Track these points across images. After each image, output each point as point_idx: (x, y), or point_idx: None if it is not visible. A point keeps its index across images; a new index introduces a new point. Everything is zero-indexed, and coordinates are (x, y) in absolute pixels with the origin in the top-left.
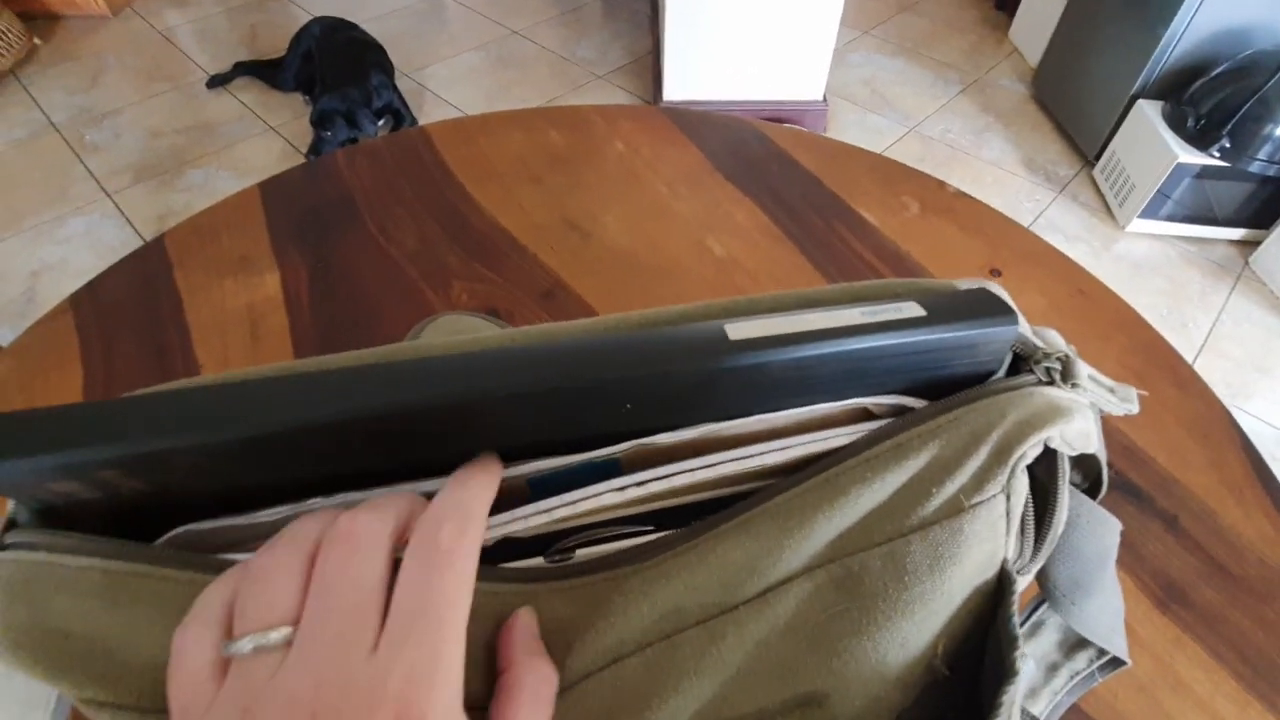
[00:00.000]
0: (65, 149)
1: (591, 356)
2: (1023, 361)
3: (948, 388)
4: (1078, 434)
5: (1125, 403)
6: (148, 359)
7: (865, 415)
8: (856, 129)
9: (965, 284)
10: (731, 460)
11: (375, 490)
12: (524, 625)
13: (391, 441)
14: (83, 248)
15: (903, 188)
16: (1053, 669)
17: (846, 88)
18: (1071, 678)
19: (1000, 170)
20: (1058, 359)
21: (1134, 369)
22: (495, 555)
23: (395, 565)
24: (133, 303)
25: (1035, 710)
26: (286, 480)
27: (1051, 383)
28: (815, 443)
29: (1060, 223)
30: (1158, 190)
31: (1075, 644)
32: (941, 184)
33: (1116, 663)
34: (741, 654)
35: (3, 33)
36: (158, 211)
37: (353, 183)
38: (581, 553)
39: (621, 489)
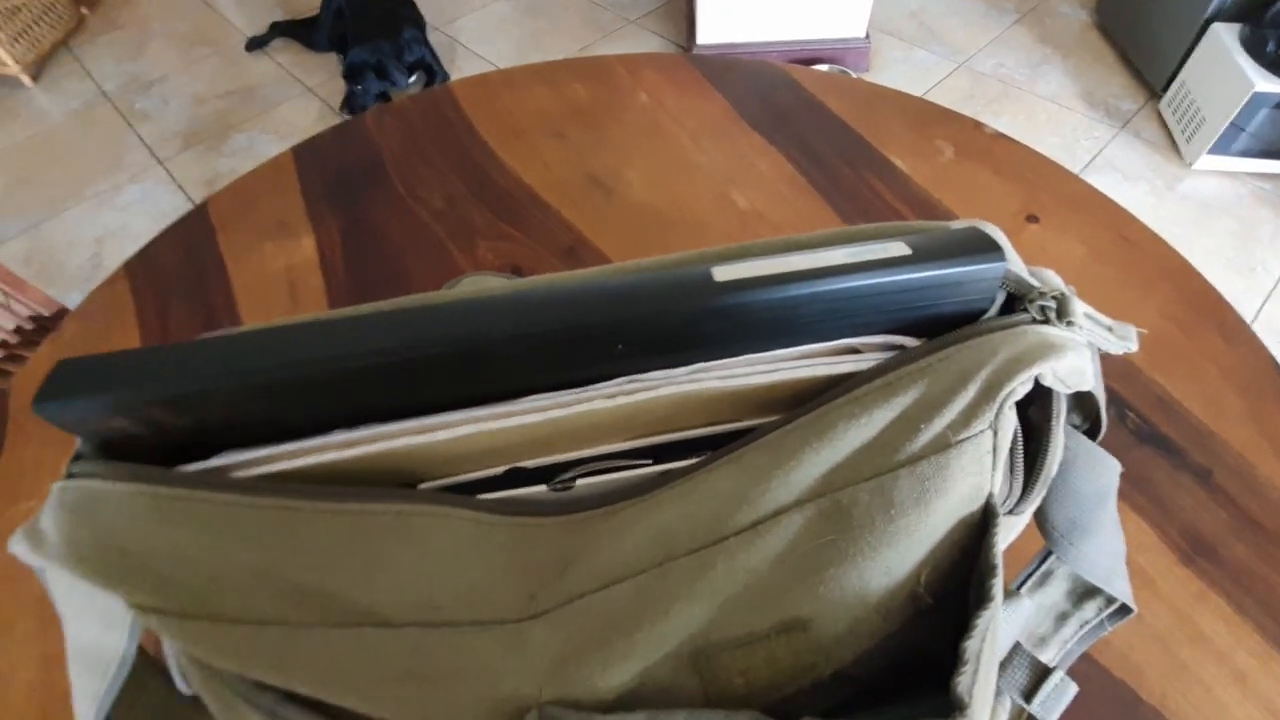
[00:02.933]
0: (118, 118)
1: (583, 300)
2: (1017, 300)
3: (939, 326)
4: (1071, 370)
5: (1124, 341)
6: (198, 320)
7: (852, 353)
8: (901, 66)
9: (957, 225)
10: (716, 377)
11: (389, 425)
12: None
13: (399, 381)
14: (140, 213)
15: (937, 131)
16: (1062, 618)
17: (891, 21)
18: (1081, 626)
19: (1056, 106)
20: (1052, 297)
21: (1176, 319)
22: (502, 483)
23: None
24: (182, 268)
25: (1044, 658)
26: (311, 415)
27: (1046, 321)
28: (800, 368)
29: (1120, 162)
30: (1230, 123)
31: (1084, 593)
32: (978, 125)
33: (1124, 611)
34: (731, 582)
35: (52, 5)
36: (206, 176)
37: (381, 143)
38: (582, 483)
39: (611, 396)
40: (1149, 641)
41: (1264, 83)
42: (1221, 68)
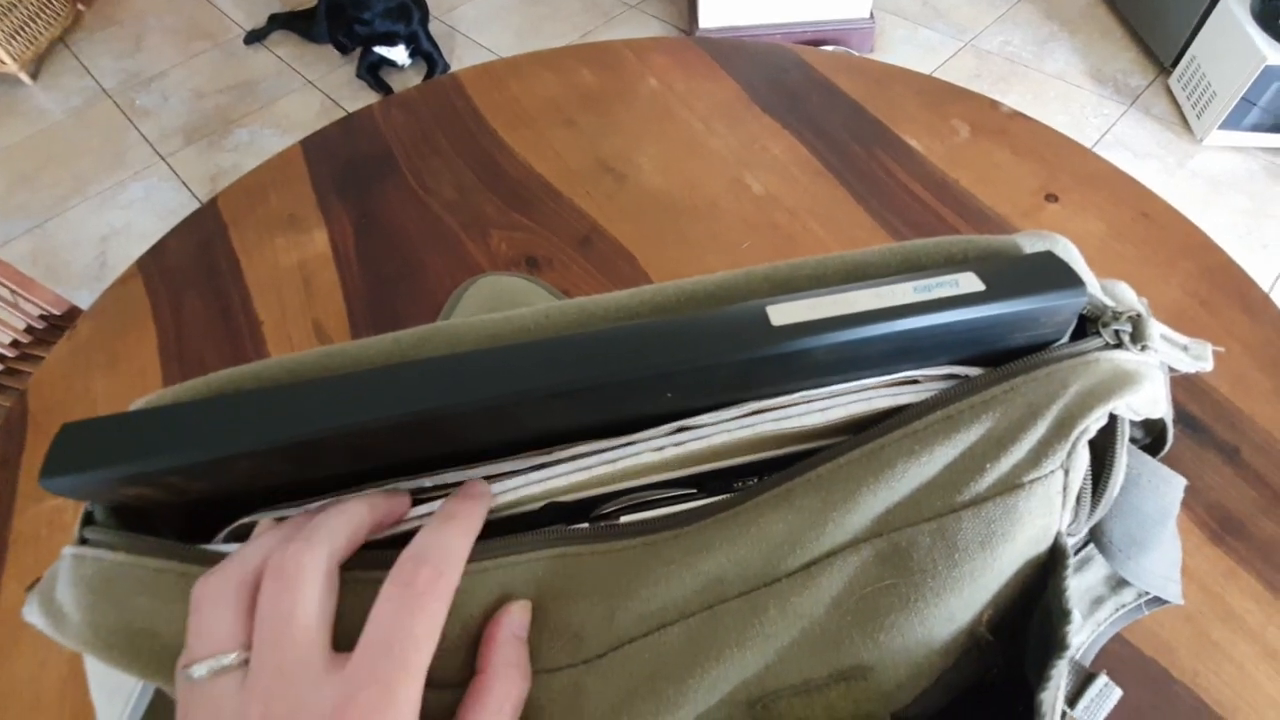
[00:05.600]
0: (118, 114)
1: (629, 350)
2: (1089, 323)
3: (1005, 356)
4: (1145, 401)
5: (1199, 360)
6: (214, 318)
7: (911, 384)
8: (906, 46)
9: (1029, 241)
10: (770, 421)
11: (421, 479)
12: (508, 624)
13: (433, 436)
14: (145, 211)
15: (952, 110)
16: (1097, 602)
17: (895, 1)
18: (1117, 609)
19: (1064, 84)
20: (1128, 319)
21: (1199, 295)
22: (540, 519)
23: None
24: (195, 264)
25: (1076, 641)
26: (340, 472)
27: (1119, 345)
28: (856, 403)
29: (1129, 139)
30: (1242, 97)
31: (1122, 580)
32: (994, 104)
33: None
34: (784, 626)
35: (49, 1)
36: (209, 172)
37: (389, 135)
38: (625, 519)
39: (660, 449)
40: (1179, 620)
41: (1276, 56)
42: (1233, 41)
